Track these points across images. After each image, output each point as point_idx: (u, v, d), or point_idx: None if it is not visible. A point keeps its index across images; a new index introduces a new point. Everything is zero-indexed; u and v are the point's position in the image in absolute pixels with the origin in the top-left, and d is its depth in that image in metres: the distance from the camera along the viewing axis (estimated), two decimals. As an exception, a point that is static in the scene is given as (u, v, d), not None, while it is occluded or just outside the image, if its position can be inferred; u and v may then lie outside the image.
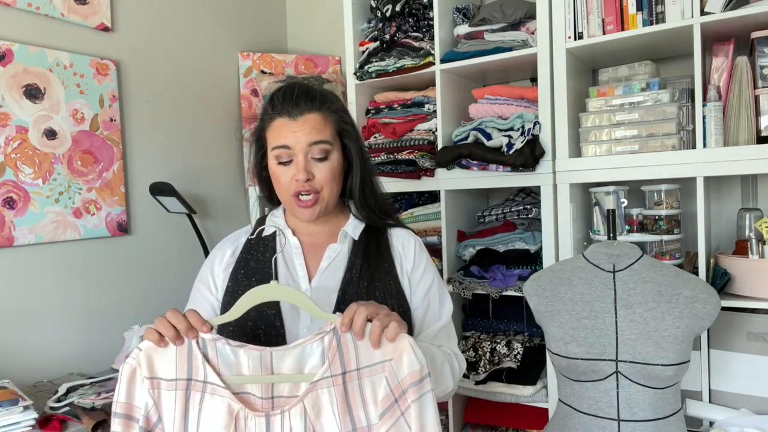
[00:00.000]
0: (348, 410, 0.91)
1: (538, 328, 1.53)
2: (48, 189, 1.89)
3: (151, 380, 0.91)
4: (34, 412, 1.40)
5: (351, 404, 0.91)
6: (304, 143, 1.10)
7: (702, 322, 1.30)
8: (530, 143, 1.81)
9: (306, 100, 1.12)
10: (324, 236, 1.20)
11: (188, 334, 0.92)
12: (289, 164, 1.12)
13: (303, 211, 1.14)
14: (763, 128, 1.62)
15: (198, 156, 2.42)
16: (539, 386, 1.88)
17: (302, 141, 1.10)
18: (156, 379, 0.92)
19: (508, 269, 1.94)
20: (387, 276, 1.16)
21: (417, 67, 2.08)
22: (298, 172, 1.10)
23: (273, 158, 1.14)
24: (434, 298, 1.21)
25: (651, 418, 1.29)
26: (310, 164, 1.12)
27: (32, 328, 1.86)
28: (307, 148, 1.10)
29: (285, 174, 1.12)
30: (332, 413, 0.91)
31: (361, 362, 0.91)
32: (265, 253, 1.19)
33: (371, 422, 0.91)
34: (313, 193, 1.12)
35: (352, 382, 0.91)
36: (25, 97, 1.84)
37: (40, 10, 1.87)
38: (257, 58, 2.60)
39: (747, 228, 1.73)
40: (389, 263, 1.18)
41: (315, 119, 1.11)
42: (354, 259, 1.16)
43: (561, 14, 1.81)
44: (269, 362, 0.92)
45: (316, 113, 1.12)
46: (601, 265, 1.41)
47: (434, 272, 1.24)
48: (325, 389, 0.91)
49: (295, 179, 1.11)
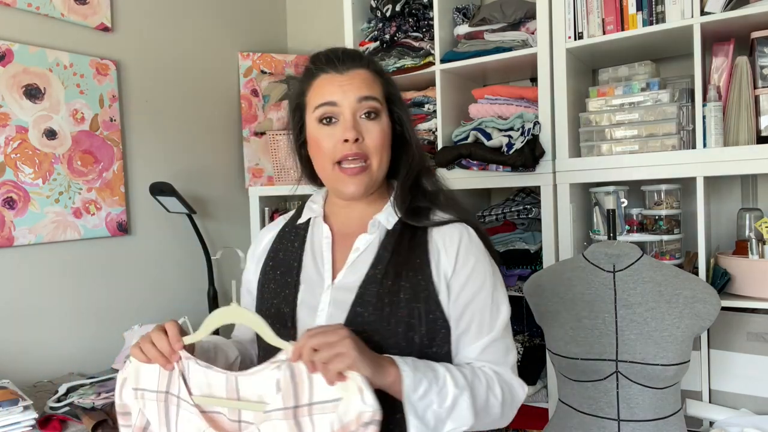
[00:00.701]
0: None
1: (538, 328, 1.53)
2: (48, 189, 1.89)
3: (135, 391, 0.96)
4: (34, 412, 1.40)
5: None
6: (353, 98, 0.97)
7: (702, 322, 1.30)
8: (530, 143, 1.81)
9: (353, 57, 1.02)
10: (357, 225, 1.05)
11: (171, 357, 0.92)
12: (335, 124, 0.98)
13: (349, 182, 0.99)
14: (763, 128, 1.62)
15: (198, 156, 2.42)
16: (539, 386, 1.88)
17: (351, 96, 0.97)
18: (140, 390, 0.96)
19: (508, 269, 1.94)
20: (417, 274, 0.98)
21: (417, 67, 2.08)
22: (346, 130, 0.96)
23: (314, 120, 1.00)
24: (484, 307, 0.99)
25: (651, 418, 1.29)
26: (359, 124, 0.98)
27: (32, 328, 1.86)
28: (356, 104, 0.98)
29: (329, 137, 0.98)
30: None
31: (314, 397, 0.84)
32: (295, 243, 1.09)
33: None
34: (361, 158, 0.98)
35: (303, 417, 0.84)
36: (25, 97, 1.84)
37: (40, 10, 1.87)
38: (257, 58, 2.60)
39: (747, 228, 1.73)
40: (422, 259, 0.99)
41: (364, 75, 1.00)
42: (383, 252, 1.00)
43: (561, 14, 1.81)
44: (234, 385, 0.90)
45: (365, 70, 1.01)
46: (601, 265, 1.41)
47: (486, 273, 1.01)
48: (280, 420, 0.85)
49: (342, 140, 0.97)
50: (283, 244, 1.10)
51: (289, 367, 0.86)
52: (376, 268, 0.99)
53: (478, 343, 0.98)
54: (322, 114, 0.99)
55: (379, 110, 1.00)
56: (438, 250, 1.00)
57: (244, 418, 0.90)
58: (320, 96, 0.99)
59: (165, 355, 0.92)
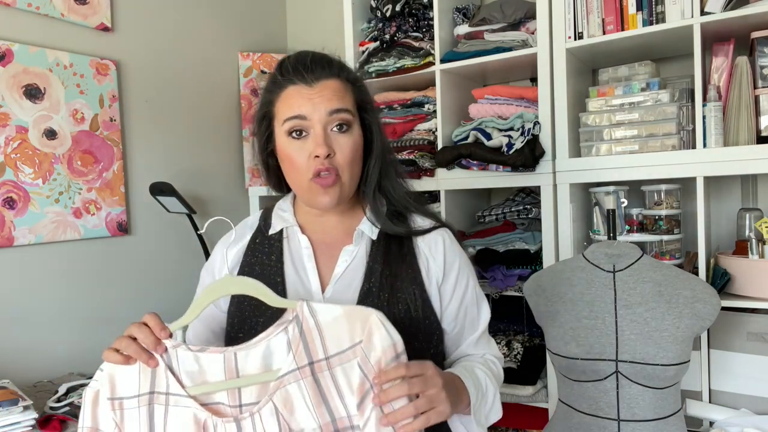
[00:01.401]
0: (323, 402, 0.82)
1: (538, 328, 1.53)
2: (48, 189, 1.89)
3: (112, 401, 0.85)
4: (34, 412, 1.40)
5: (326, 395, 0.82)
6: (324, 111, 0.93)
7: (702, 322, 1.30)
8: (530, 143, 1.81)
9: (323, 65, 0.96)
10: (338, 234, 1.03)
11: (156, 349, 0.84)
12: (305, 138, 0.94)
13: (323, 193, 0.95)
14: (763, 128, 1.62)
15: (198, 156, 2.42)
16: (539, 386, 1.88)
17: (321, 109, 0.93)
18: (117, 399, 0.85)
19: (508, 269, 1.94)
20: (411, 284, 0.98)
21: (417, 67, 2.08)
22: (318, 146, 0.92)
23: (284, 134, 0.96)
24: (471, 305, 1.05)
25: (651, 418, 1.29)
26: (330, 138, 0.94)
27: (32, 328, 1.86)
28: (326, 117, 0.93)
29: (300, 150, 0.94)
30: (306, 407, 0.82)
31: (329, 350, 0.82)
32: (271, 256, 1.03)
33: (351, 413, 0.81)
34: (333, 172, 0.94)
35: (322, 372, 0.82)
36: (25, 97, 1.84)
37: (40, 10, 1.87)
38: (257, 58, 2.60)
39: (747, 228, 1.73)
40: (414, 270, 1.00)
41: (334, 85, 0.95)
42: (373, 264, 0.99)
43: (561, 14, 1.81)
44: (233, 364, 0.84)
45: (335, 80, 0.96)
46: (601, 265, 1.41)
47: (469, 273, 1.05)
48: (294, 383, 0.82)
49: (313, 156, 0.93)
50: (258, 258, 1.04)
51: (297, 325, 0.83)
52: (369, 281, 0.98)
53: (471, 338, 1.06)
54: (291, 127, 0.95)
55: (350, 122, 0.96)
56: (426, 258, 1.01)
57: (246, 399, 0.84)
58: (289, 109, 0.95)
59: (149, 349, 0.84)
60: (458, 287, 1.03)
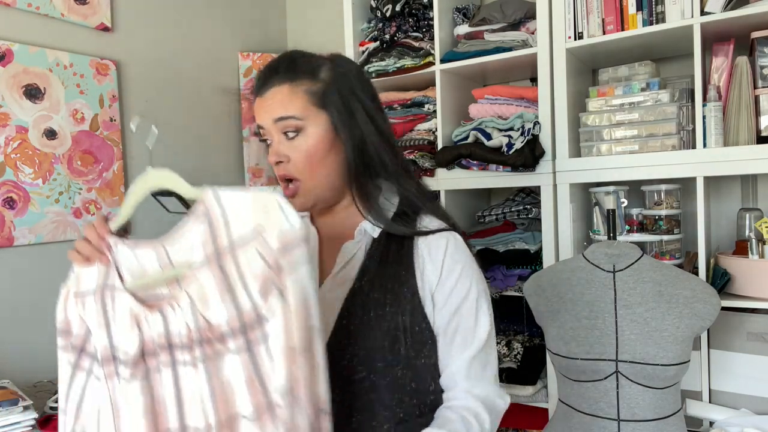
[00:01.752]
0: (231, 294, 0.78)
1: (538, 328, 1.53)
2: (48, 189, 1.89)
3: (76, 296, 0.92)
4: (34, 412, 1.40)
5: (232, 286, 0.78)
6: (269, 121, 0.96)
7: (702, 322, 1.30)
8: (530, 143, 1.81)
9: (271, 72, 0.98)
10: (344, 229, 1.02)
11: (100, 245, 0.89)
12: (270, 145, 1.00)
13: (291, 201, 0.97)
14: (763, 128, 1.62)
15: (198, 156, 2.42)
16: (539, 386, 1.88)
17: (268, 118, 0.97)
18: (80, 294, 0.92)
19: (508, 269, 1.94)
20: (403, 286, 0.95)
21: (417, 67, 2.08)
22: (270, 155, 0.98)
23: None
24: (468, 316, 0.96)
25: (651, 418, 1.29)
26: (284, 145, 0.97)
27: (32, 328, 1.85)
28: (274, 126, 0.96)
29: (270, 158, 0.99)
30: (218, 300, 0.78)
31: (233, 234, 0.79)
32: None
33: (256, 302, 0.76)
34: (293, 180, 0.97)
35: (225, 260, 0.78)
36: (25, 97, 1.84)
37: (40, 10, 1.87)
38: (257, 58, 2.60)
39: (747, 228, 1.73)
40: (408, 271, 0.96)
41: (279, 92, 0.96)
42: (369, 262, 0.98)
43: (561, 14, 1.81)
44: (166, 258, 0.84)
45: (280, 85, 0.96)
46: (601, 265, 1.41)
47: (472, 280, 0.98)
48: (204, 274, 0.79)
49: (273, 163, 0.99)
50: None
51: (207, 216, 0.83)
52: (362, 280, 0.96)
53: (464, 355, 0.95)
54: (260, 137, 1.01)
55: (299, 127, 0.95)
56: (423, 260, 0.97)
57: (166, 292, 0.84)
58: (255, 119, 1.00)
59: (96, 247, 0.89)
60: (455, 294, 0.96)
